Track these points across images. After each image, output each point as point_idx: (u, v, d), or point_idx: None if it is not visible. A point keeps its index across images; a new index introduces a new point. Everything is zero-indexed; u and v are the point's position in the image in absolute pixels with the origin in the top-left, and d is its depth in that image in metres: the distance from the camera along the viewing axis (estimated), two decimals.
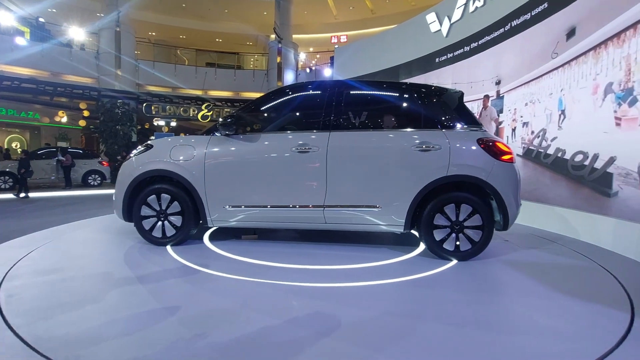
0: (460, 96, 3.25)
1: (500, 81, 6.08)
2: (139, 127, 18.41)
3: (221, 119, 3.27)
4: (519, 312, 2.05)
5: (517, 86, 5.66)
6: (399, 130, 3.20)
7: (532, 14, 5.44)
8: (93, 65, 16.36)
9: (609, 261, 3.13)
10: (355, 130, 3.25)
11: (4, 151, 14.15)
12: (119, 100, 15.62)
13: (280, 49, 18.33)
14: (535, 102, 5.23)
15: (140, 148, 3.44)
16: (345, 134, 3.14)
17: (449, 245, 2.95)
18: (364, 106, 3.54)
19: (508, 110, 5.87)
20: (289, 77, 18.75)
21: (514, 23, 5.81)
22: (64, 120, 18.37)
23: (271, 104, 3.51)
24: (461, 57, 7.17)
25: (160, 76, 17.78)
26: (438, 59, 7.88)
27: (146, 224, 3.29)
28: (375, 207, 3.00)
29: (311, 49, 24.29)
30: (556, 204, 4.68)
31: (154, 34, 22.45)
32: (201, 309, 1.97)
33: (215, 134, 3.30)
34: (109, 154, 14.81)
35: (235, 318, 1.87)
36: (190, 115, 18.30)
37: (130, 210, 3.29)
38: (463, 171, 2.88)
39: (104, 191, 11.49)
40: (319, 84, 3.53)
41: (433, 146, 2.92)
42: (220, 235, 3.87)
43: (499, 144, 2.96)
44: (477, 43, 6.75)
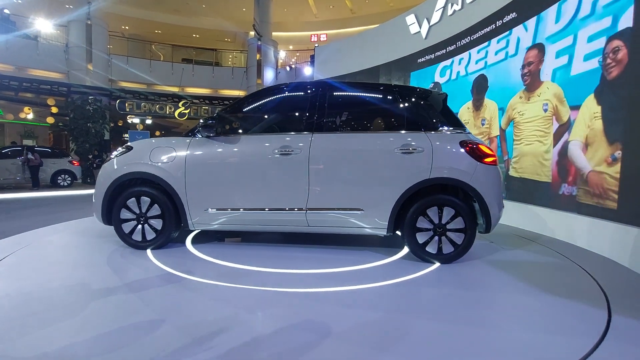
0: (444, 98, 3.27)
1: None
2: (112, 125, 17.71)
3: (202, 120, 3.21)
4: (503, 311, 2.11)
5: None
6: (382, 132, 3.21)
7: (504, 21, 5.61)
8: (62, 60, 15.57)
9: (584, 260, 3.24)
10: (337, 132, 3.23)
11: None
12: (91, 97, 14.95)
13: (259, 46, 18.09)
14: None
15: (120, 149, 3.35)
16: (327, 135, 3.12)
17: (431, 248, 2.96)
18: (347, 108, 3.54)
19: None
20: (269, 75, 18.55)
21: (488, 29, 5.98)
22: (30, 117, 17.41)
23: (253, 105, 3.46)
24: (442, 59, 7.31)
25: (134, 72, 17.16)
26: (419, 60, 8.00)
27: (126, 228, 3.22)
28: (358, 210, 3.00)
29: (291, 47, 24.14)
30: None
31: (127, 28, 21.63)
32: (187, 321, 1.91)
33: (197, 136, 3.24)
34: (79, 153, 14.17)
35: (224, 330, 1.83)
36: (167, 112, 17.75)
37: (110, 213, 3.22)
38: (445, 174, 2.90)
39: (75, 192, 11.00)
40: (302, 85, 3.49)
41: (416, 148, 2.93)
42: (203, 238, 3.79)
43: (482, 146, 2.98)
44: (455, 46, 6.90)
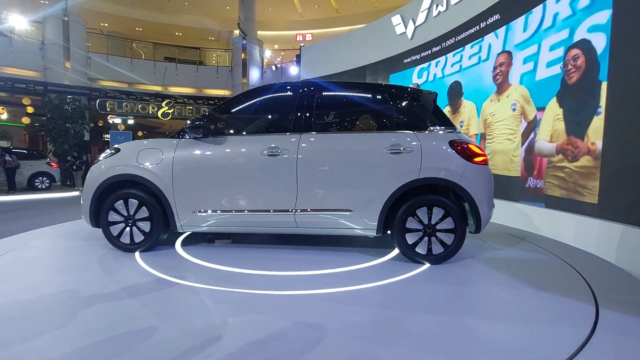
0: (434, 98, 3.26)
1: None
2: (92, 125, 17.17)
3: (189, 122, 3.16)
4: (495, 306, 2.15)
5: None
6: (371, 132, 3.20)
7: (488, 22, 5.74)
8: (38, 57, 15.01)
9: (573, 257, 3.29)
10: (326, 132, 3.19)
11: None
12: (69, 96, 14.45)
13: (244, 45, 17.90)
14: None
15: (108, 151, 3.33)
16: (316, 136, 3.09)
17: (421, 249, 2.93)
18: (335, 108, 3.51)
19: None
20: (254, 74, 18.38)
21: (472, 30, 6.09)
22: (4, 117, 16.70)
23: (241, 106, 3.41)
24: (427, 59, 7.40)
25: (115, 69, 16.71)
26: (405, 60, 8.07)
27: (114, 230, 3.18)
28: (347, 211, 2.98)
29: (276, 46, 24.00)
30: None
31: (106, 25, 21.02)
32: (180, 328, 1.86)
33: (185, 137, 3.20)
34: (58, 154, 13.69)
35: (218, 337, 1.78)
36: (150, 112, 17.32)
37: (98, 215, 3.19)
38: (435, 174, 2.89)
39: (54, 195, 10.64)
40: (290, 85, 3.45)
41: (404, 148, 2.92)
42: (193, 239, 3.72)
43: (472, 146, 2.96)
44: (440, 47, 7.00)
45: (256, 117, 3.63)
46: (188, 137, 3.18)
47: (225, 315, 2.03)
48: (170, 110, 17.22)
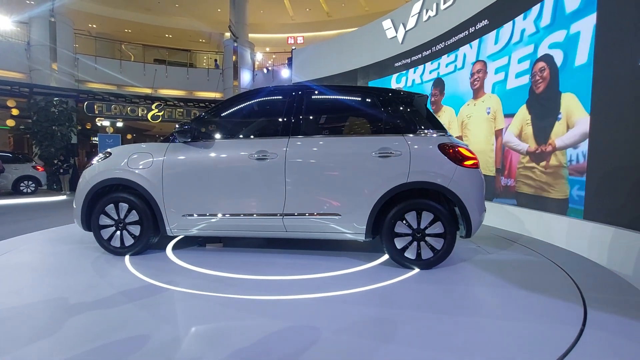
0: (425, 101, 3.25)
1: None
2: (80, 128, 16.86)
3: (177, 126, 3.16)
4: (488, 307, 2.16)
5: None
6: (359, 135, 3.18)
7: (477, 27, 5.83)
8: (23, 59, 14.69)
9: (564, 260, 3.33)
10: (314, 136, 3.15)
11: None
12: (56, 98, 14.17)
13: (235, 47, 17.83)
14: None
15: (101, 155, 3.35)
16: (304, 139, 3.07)
17: (410, 254, 2.90)
18: (324, 111, 3.50)
19: None
20: (246, 77, 18.32)
21: (462, 35, 6.18)
22: None
23: (230, 110, 3.39)
24: (418, 63, 7.48)
25: (104, 71, 16.46)
26: (396, 64, 8.15)
27: (105, 234, 3.21)
28: (336, 215, 2.96)
29: (267, 49, 23.96)
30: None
31: (94, 26, 20.75)
32: (173, 335, 1.83)
33: (175, 141, 3.20)
34: (44, 158, 13.39)
35: (209, 343, 1.76)
36: (139, 115, 17.08)
37: (90, 219, 3.22)
38: (423, 177, 2.86)
39: (40, 199, 10.40)
40: (279, 89, 3.45)
41: (393, 152, 2.89)
42: (184, 243, 3.69)
43: (462, 149, 2.92)
44: (431, 50, 7.08)
45: (245, 121, 3.63)
46: (178, 141, 3.18)
47: (215, 321, 2.01)
48: (161, 113, 17.01)
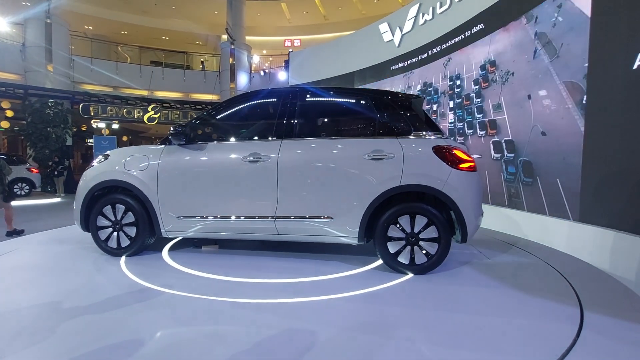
0: (421, 102, 3.22)
1: None
2: (75, 130, 16.75)
3: (172, 128, 3.16)
4: (485, 309, 2.16)
5: None
6: (352, 138, 3.14)
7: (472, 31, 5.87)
8: (18, 60, 14.60)
9: (561, 263, 3.33)
10: (307, 138, 3.12)
11: None
12: (51, 100, 14.07)
13: (232, 50, 17.84)
14: None
15: (100, 157, 3.41)
16: (297, 142, 3.05)
17: (403, 258, 2.83)
18: (317, 113, 3.48)
19: None
20: (243, 80, 18.31)
21: (458, 38, 6.22)
22: None
23: (224, 113, 3.38)
24: (414, 66, 7.51)
25: (100, 72, 16.39)
26: (393, 67, 8.18)
27: (102, 234, 3.28)
28: (328, 218, 2.92)
29: (264, 52, 23.99)
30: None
31: (90, 28, 20.65)
32: (168, 340, 1.81)
33: (171, 144, 3.21)
34: (39, 160, 13.26)
35: (204, 347, 1.74)
36: (135, 117, 17.00)
37: (88, 220, 3.28)
38: (416, 180, 2.79)
39: (35, 201, 10.30)
40: (272, 91, 3.44)
41: (386, 154, 2.84)
42: (180, 245, 3.69)
43: (457, 151, 2.84)
44: (427, 54, 7.12)
45: (239, 124, 3.63)
46: (173, 144, 3.20)
47: (211, 325, 1.99)
48: (157, 115, 16.95)
